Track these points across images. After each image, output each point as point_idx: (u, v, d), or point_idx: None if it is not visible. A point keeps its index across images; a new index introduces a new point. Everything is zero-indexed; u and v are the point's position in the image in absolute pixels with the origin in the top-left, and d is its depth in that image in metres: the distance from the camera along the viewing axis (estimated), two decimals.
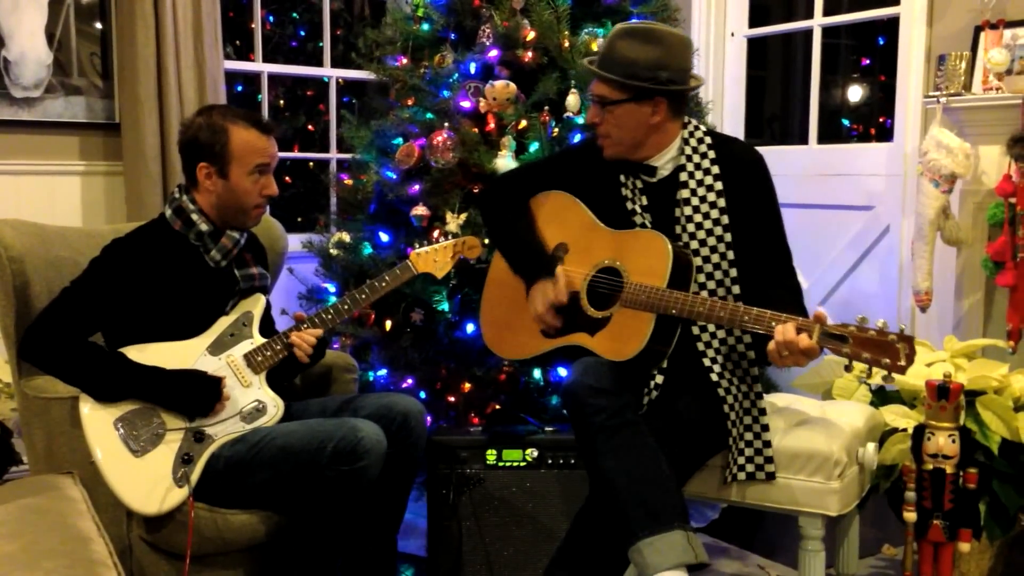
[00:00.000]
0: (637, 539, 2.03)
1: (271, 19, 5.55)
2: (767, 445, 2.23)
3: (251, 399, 2.26)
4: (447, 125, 3.06)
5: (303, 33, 5.66)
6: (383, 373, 3.10)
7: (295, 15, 5.66)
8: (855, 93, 7.23)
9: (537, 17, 3.10)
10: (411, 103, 3.25)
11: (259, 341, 2.32)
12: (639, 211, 2.31)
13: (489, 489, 2.64)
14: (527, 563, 2.64)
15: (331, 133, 4.25)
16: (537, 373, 2.97)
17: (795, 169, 3.91)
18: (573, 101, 3.04)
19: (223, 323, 2.33)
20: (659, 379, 2.21)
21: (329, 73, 4.24)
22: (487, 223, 2.58)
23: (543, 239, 2.41)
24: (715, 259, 2.25)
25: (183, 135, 2.33)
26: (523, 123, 3.03)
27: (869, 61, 7.16)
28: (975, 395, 2.57)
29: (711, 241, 2.25)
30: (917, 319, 3.45)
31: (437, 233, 2.96)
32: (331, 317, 2.36)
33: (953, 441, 2.39)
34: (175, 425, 2.18)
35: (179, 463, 2.15)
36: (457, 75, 3.17)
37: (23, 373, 2.33)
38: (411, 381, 3.05)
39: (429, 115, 3.17)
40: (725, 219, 2.25)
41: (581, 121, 3.04)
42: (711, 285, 2.25)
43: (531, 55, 3.10)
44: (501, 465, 2.64)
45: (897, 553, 2.83)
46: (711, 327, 2.24)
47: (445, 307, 2.99)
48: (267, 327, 2.47)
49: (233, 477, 2.17)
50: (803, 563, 2.27)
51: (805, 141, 4.08)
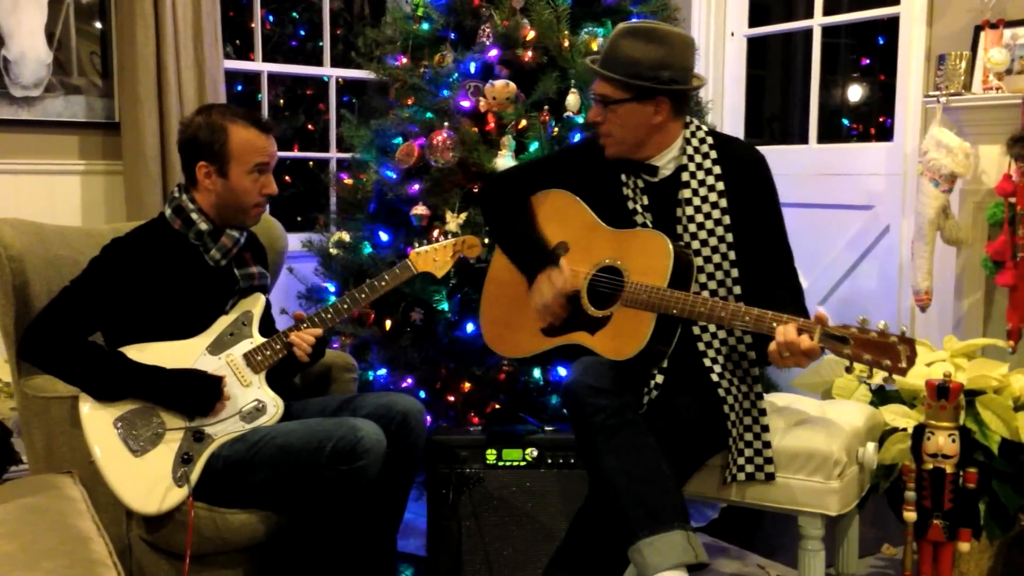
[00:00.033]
0: (637, 539, 2.02)
1: (271, 19, 5.54)
2: (767, 446, 2.23)
3: (251, 398, 2.26)
4: (447, 124, 3.06)
5: (303, 33, 5.66)
6: (383, 373, 3.10)
7: (295, 15, 5.65)
8: (855, 93, 7.23)
9: (537, 17, 3.10)
10: (411, 102, 3.25)
11: (259, 340, 2.32)
12: (640, 210, 2.31)
13: (489, 489, 2.64)
14: (527, 563, 2.63)
15: (331, 132, 4.25)
16: (537, 373, 2.97)
17: (795, 169, 3.90)
18: (573, 101, 3.03)
19: (223, 322, 2.33)
20: (659, 379, 2.21)
21: (329, 72, 4.24)
22: (488, 220, 2.57)
23: (544, 237, 2.41)
24: (716, 259, 2.25)
25: (182, 134, 2.33)
26: (523, 123, 3.03)
27: (869, 61, 7.15)
28: (975, 395, 2.56)
29: (712, 241, 2.25)
30: (917, 319, 3.45)
31: (437, 232, 2.96)
32: (331, 316, 2.36)
33: (953, 441, 2.39)
34: (175, 425, 2.18)
35: (179, 463, 2.15)
36: (457, 74, 3.17)
37: (23, 372, 2.33)
38: (411, 381, 3.05)
39: (429, 114, 3.17)
40: (726, 219, 2.25)
41: (581, 121, 3.04)
42: (712, 285, 2.24)
43: (531, 55, 3.09)
44: (501, 465, 2.64)
45: (897, 553, 2.83)
46: (712, 327, 2.24)
47: (445, 306, 2.99)
48: (267, 326, 2.46)
49: (233, 477, 2.17)
50: (803, 563, 2.27)
51: (805, 141, 4.08)
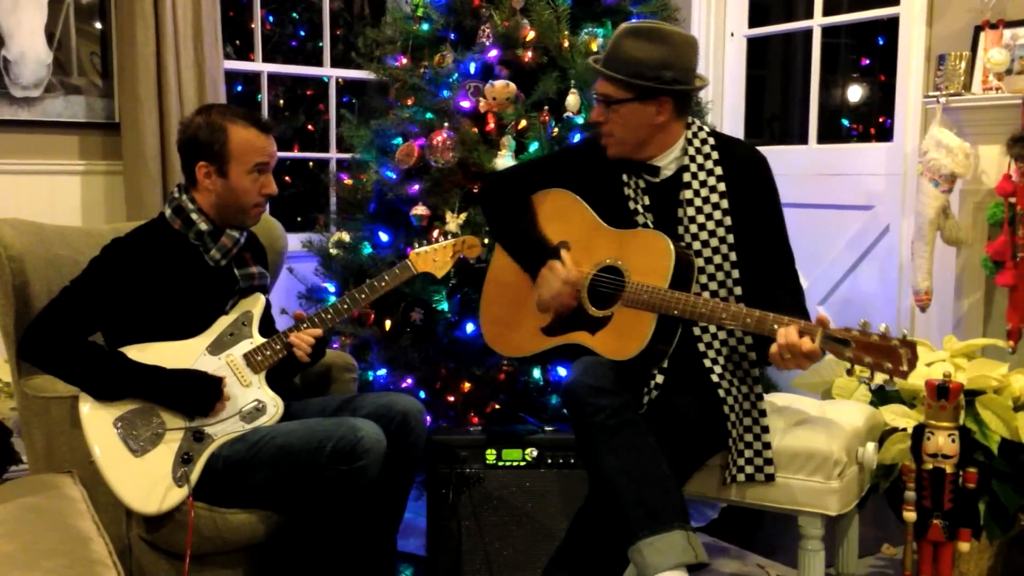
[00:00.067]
0: (637, 539, 2.02)
1: (271, 19, 5.54)
2: (767, 447, 2.23)
3: (251, 399, 2.26)
4: (447, 125, 3.06)
5: (303, 33, 5.66)
6: (383, 373, 3.10)
7: (295, 15, 5.66)
8: (855, 93, 7.23)
9: (537, 17, 3.10)
10: (411, 103, 3.25)
11: (259, 341, 2.32)
12: (641, 211, 2.31)
13: (488, 489, 2.64)
14: (526, 563, 2.63)
15: (331, 133, 4.25)
16: (536, 373, 2.97)
17: (795, 169, 3.90)
18: (573, 101, 3.03)
19: (223, 323, 2.33)
20: (659, 379, 2.21)
21: (329, 73, 4.24)
22: (488, 218, 2.56)
23: (545, 236, 2.40)
24: (717, 260, 2.24)
25: (182, 134, 2.33)
26: (523, 123, 3.03)
27: (869, 61, 7.15)
28: (975, 395, 2.56)
29: (713, 242, 2.25)
30: (917, 319, 3.45)
31: (437, 233, 2.96)
32: (331, 317, 2.36)
33: (953, 441, 2.39)
34: (175, 425, 2.18)
35: (179, 463, 2.14)
36: (457, 75, 3.17)
37: (23, 372, 2.33)
38: (410, 381, 3.05)
39: (429, 115, 3.17)
40: (728, 220, 2.25)
41: (581, 121, 3.04)
42: (713, 286, 2.24)
43: (531, 55, 3.09)
44: (500, 465, 2.64)
45: (897, 553, 2.83)
46: (712, 327, 2.24)
47: (445, 307, 2.99)
48: (267, 327, 2.46)
49: (233, 476, 2.17)
50: (803, 563, 2.27)
51: (805, 141, 4.08)
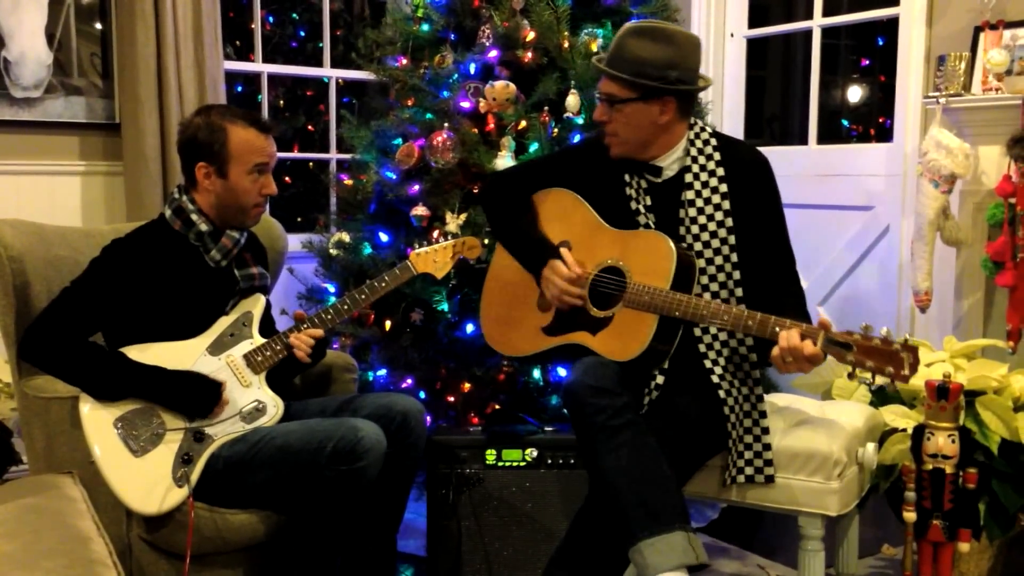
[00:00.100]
0: (637, 539, 2.02)
1: (271, 19, 5.55)
2: (767, 448, 2.23)
3: (251, 399, 2.26)
4: (447, 125, 3.06)
5: (303, 33, 5.66)
6: (383, 373, 3.10)
7: (295, 15, 5.66)
8: (855, 93, 7.23)
9: (537, 17, 3.10)
10: (411, 103, 3.25)
11: (259, 341, 2.32)
12: (643, 211, 2.30)
13: (488, 489, 2.64)
14: (526, 563, 2.63)
15: (331, 133, 4.25)
16: (536, 373, 2.97)
17: (795, 169, 3.90)
18: (573, 101, 3.03)
19: (223, 323, 2.33)
20: (660, 379, 2.21)
21: (329, 73, 4.24)
22: (489, 218, 2.56)
23: (546, 236, 2.40)
24: (718, 261, 2.24)
25: (182, 135, 2.33)
26: (523, 123, 3.03)
27: (869, 61, 7.16)
28: (975, 395, 2.56)
29: (715, 243, 2.24)
30: (917, 319, 3.45)
31: (437, 233, 2.96)
32: (331, 317, 2.36)
33: (953, 441, 2.39)
34: (175, 425, 2.18)
35: (179, 463, 2.15)
36: (457, 75, 3.17)
37: (23, 373, 2.33)
38: (411, 381, 3.05)
39: (429, 115, 3.17)
40: (729, 221, 2.24)
41: (581, 121, 3.04)
42: (714, 287, 2.24)
43: (531, 55, 3.09)
44: (500, 465, 2.64)
45: (897, 553, 2.83)
46: (713, 328, 2.24)
47: (445, 307, 2.99)
48: (267, 327, 2.47)
49: (233, 477, 2.17)
50: (803, 563, 2.27)
51: (805, 141, 4.08)
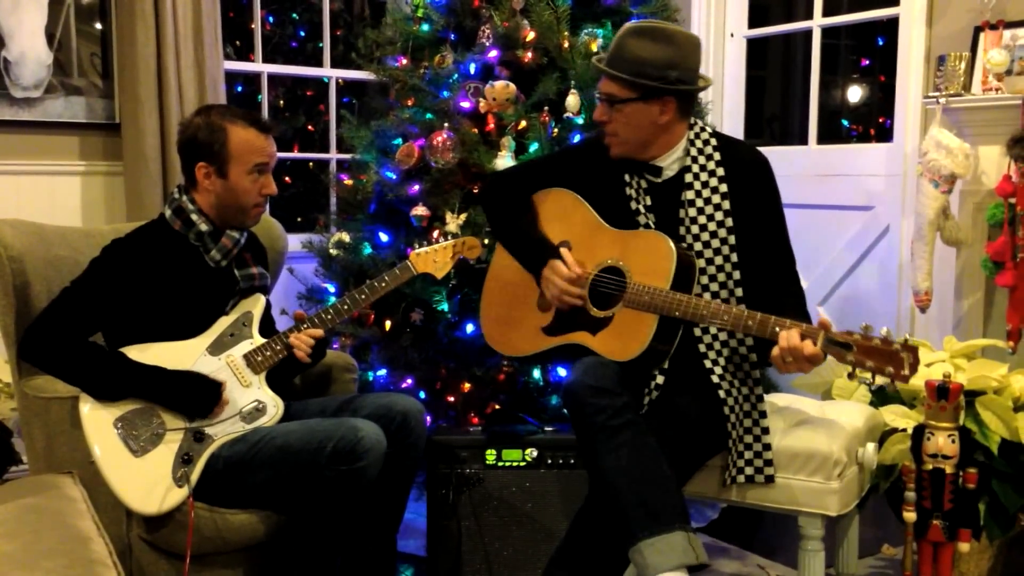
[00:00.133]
0: (637, 539, 2.02)
1: (271, 19, 5.55)
2: (767, 448, 2.23)
3: (251, 399, 2.26)
4: (447, 125, 3.06)
5: (303, 33, 5.66)
6: (383, 373, 3.10)
7: (295, 15, 5.66)
8: (855, 93, 7.23)
9: (537, 17, 3.10)
10: (411, 103, 3.25)
11: (259, 341, 2.32)
12: (643, 211, 2.30)
13: (488, 489, 2.64)
14: (526, 563, 2.63)
15: (331, 133, 4.25)
16: (536, 373, 2.97)
17: (795, 169, 3.90)
18: (573, 101, 3.03)
19: (223, 323, 2.33)
20: (660, 379, 2.21)
21: (329, 73, 4.24)
22: (489, 217, 2.55)
23: (546, 236, 2.40)
24: (718, 261, 2.24)
25: (182, 135, 2.33)
26: (523, 123, 3.03)
27: (869, 61, 7.16)
28: (975, 395, 2.56)
29: (715, 243, 2.24)
30: (917, 319, 3.45)
31: (437, 233, 2.96)
32: (331, 317, 2.36)
33: (953, 441, 2.39)
34: (175, 425, 2.18)
35: (179, 463, 2.15)
36: (457, 75, 3.17)
37: (23, 373, 2.33)
38: (411, 381, 3.05)
39: (429, 115, 3.17)
40: (729, 221, 2.24)
41: (581, 121, 3.04)
42: (714, 287, 2.24)
43: (531, 55, 3.09)
44: (500, 465, 2.64)
45: (897, 553, 2.83)
46: (713, 328, 2.24)
47: (445, 307, 2.99)
48: (267, 327, 2.47)
49: (233, 477, 2.17)
50: (803, 563, 2.27)
51: (805, 141, 4.08)
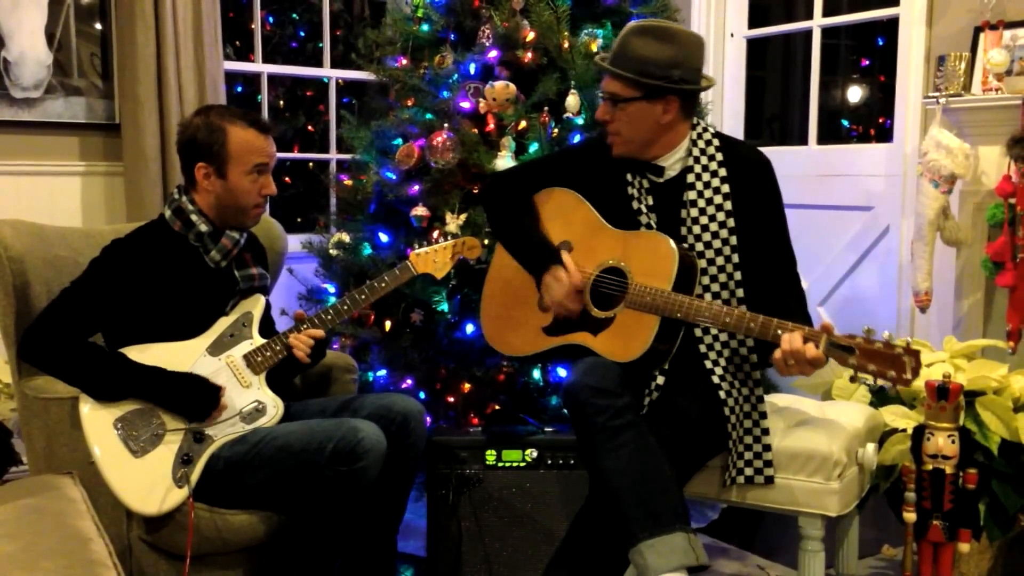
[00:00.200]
0: (638, 540, 2.02)
1: (271, 20, 5.55)
2: (767, 449, 2.23)
3: (251, 400, 2.26)
4: (447, 126, 3.06)
5: (303, 34, 5.66)
6: (383, 373, 3.10)
7: (295, 16, 5.66)
8: (855, 93, 7.23)
9: (537, 17, 3.10)
10: (411, 104, 3.25)
11: (259, 342, 2.32)
12: (645, 211, 2.30)
13: (488, 489, 2.64)
14: (526, 563, 2.63)
15: (331, 133, 4.25)
16: (536, 373, 2.97)
17: (795, 169, 3.90)
18: (573, 102, 3.03)
19: (223, 323, 2.33)
20: (660, 380, 2.21)
21: (329, 74, 4.25)
22: (490, 218, 2.55)
23: (547, 236, 2.40)
24: (720, 261, 2.24)
25: (181, 135, 2.33)
26: (523, 124, 3.03)
27: (869, 61, 7.16)
28: (975, 395, 2.56)
29: (716, 244, 2.24)
30: (917, 319, 3.45)
31: (437, 234, 2.96)
32: (331, 318, 2.36)
33: (953, 441, 2.39)
34: (175, 426, 2.18)
35: (179, 463, 2.14)
36: (457, 76, 3.17)
37: (23, 373, 2.33)
38: (411, 381, 3.05)
39: (429, 116, 3.17)
40: (731, 222, 2.24)
41: (581, 122, 3.04)
42: (715, 288, 2.24)
43: (531, 56, 3.09)
44: (500, 465, 2.64)
45: (897, 553, 2.83)
46: (714, 329, 2.23)
47: (445, 308, 2.99)
48: (267, 327, 2.46)
49: (233, 477, 2.17)
50: (803, 563, 2.27)
51: (805, 141, 4.08)
